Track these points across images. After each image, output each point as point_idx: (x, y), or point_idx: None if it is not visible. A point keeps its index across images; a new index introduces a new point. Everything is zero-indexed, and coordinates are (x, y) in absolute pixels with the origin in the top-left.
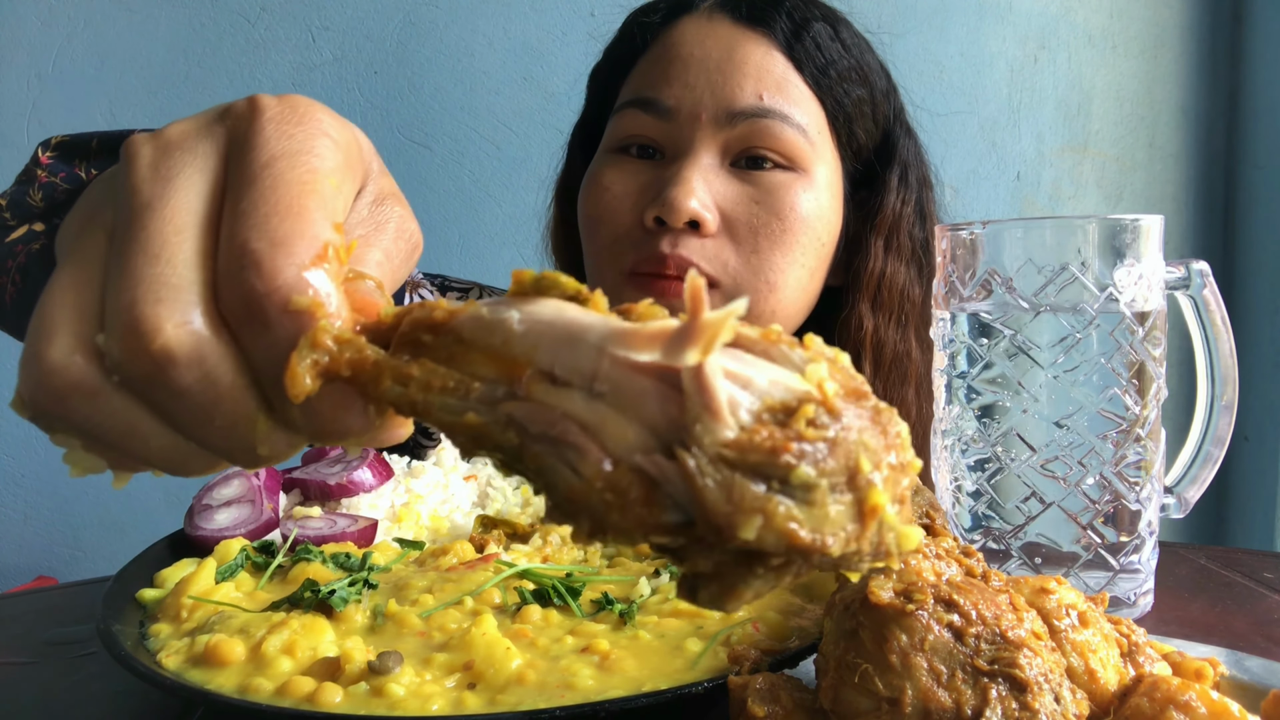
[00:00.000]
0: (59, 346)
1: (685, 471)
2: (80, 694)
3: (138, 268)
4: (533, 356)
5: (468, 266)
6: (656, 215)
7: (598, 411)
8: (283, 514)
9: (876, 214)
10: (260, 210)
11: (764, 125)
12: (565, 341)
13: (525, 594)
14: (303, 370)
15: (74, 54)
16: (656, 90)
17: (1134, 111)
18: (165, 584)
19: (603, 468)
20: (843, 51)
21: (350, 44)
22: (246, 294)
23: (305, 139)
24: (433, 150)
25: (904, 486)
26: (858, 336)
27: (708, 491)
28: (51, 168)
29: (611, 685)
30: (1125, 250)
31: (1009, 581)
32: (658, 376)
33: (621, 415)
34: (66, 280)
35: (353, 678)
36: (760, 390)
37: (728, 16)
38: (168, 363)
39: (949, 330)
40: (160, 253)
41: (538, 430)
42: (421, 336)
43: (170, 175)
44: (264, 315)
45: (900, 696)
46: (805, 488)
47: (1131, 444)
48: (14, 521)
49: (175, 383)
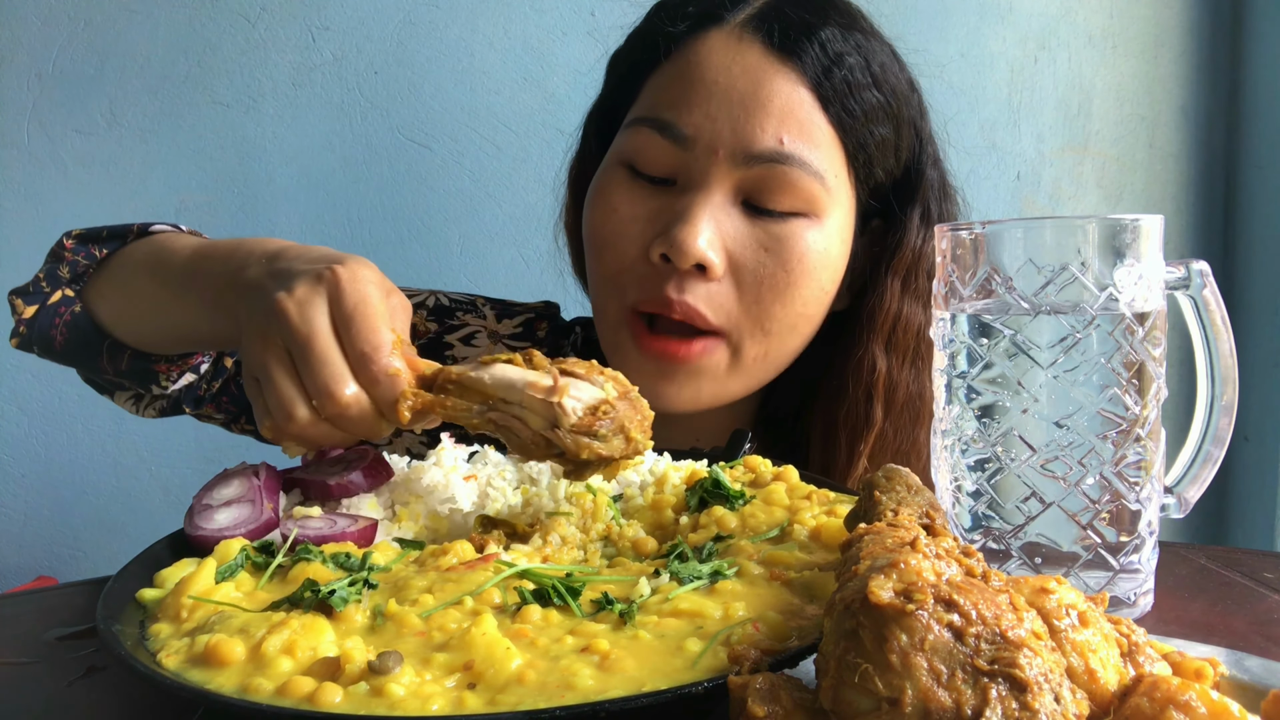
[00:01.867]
0: (300, 409)
1: (558, 437)
2: (80, 694)
3: (318, 370)
4: (495, 392)
5: (468, 266)
6: (663, 252)
7: (524, 413)
8: (283, 514)
9: (895, 252)
10: (362, 334)
11: (781, 172)
12: (506, 386)
13: (525, 594)
14: (404, 409)
15: (74, 54)
16: (675, 113)
17: (1134, 111)
18: (165, 584)
19: (528, 435)
20: (873, 89)
21: (350, 44)
22: (370, 374)
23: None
24: (433, 150)
25: (643, 424)
26: (870, 379)
27: (567, 441)
28: (74, 250)
29: (611, 685)
30: (1125, 250)
31: (1009, 581)
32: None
33: (534, 414)
34: (280, 375)
35: (353, 678)
36: (585, 398)
37: (758, 40)
38: (344, 408)
39: (949, 330)
40: (325, 363)
41: (503, 423)
42: (447, 385)
43: (311, 319)
44: (377, 381)
45: (900, 696)
46: (602, 437)
47: (1131, 444)
48: (14, 521)
49: (346, 414)
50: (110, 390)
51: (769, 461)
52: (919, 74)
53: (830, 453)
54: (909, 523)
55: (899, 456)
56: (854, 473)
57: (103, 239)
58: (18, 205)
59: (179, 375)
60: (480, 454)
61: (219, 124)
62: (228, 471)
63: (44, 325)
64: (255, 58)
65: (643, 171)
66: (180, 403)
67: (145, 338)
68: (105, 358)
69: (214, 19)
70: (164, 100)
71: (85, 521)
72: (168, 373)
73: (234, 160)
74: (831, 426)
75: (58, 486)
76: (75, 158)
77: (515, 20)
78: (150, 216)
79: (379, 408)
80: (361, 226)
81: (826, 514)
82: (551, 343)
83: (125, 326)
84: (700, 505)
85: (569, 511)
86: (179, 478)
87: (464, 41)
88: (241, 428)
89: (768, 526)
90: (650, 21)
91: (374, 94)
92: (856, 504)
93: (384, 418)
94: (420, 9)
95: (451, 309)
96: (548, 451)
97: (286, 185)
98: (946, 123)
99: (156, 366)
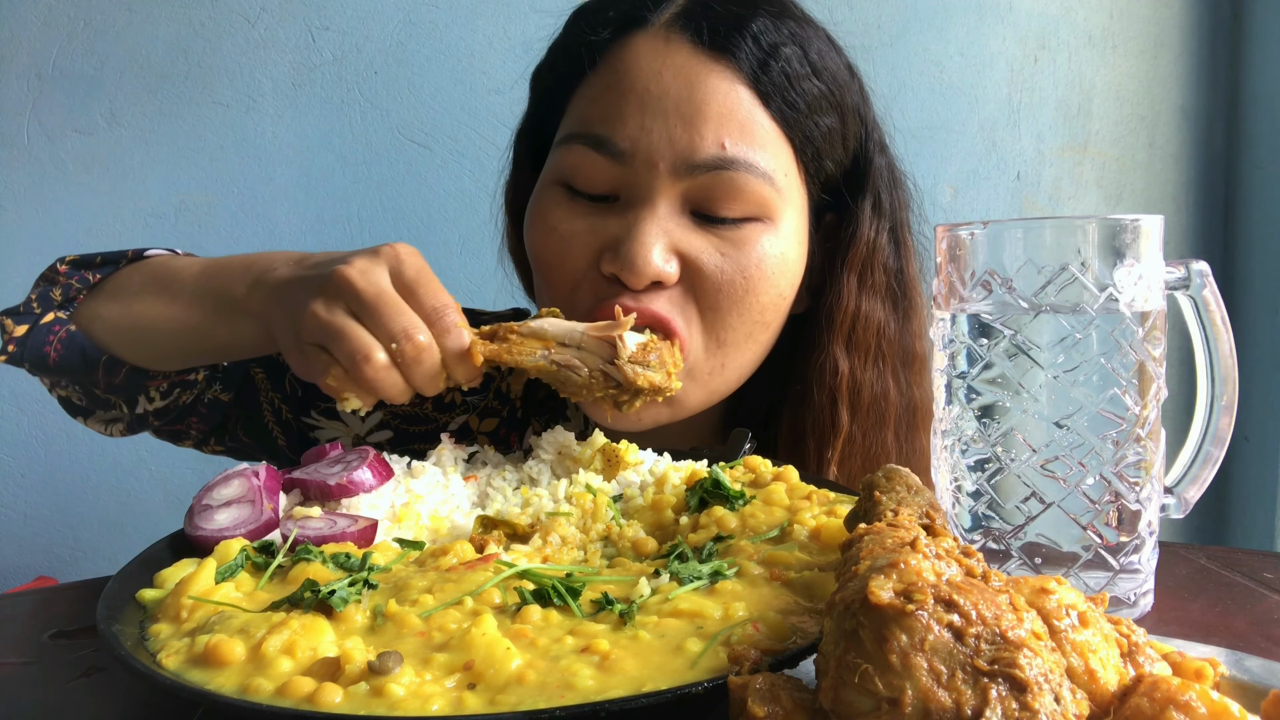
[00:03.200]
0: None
1: (617, 369)
2: (80, 694)
3: (394, 318)
4: (557, 337)
5: (468, 267)
6: (614, 272)
7: (582, 354)
8: (283, 514)
9: (849, 247)
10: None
11: (728, 178)
12: (567, 330)
13: (525, 594)
14: (478, 352)
15: (74, 54)
16: (609, 127)
17: (1134, 111)
18: (165, 584)
19: (585, 372)
20: (813, 78)
21: (350, 44)
22: (442, 324)
23: (420, 260)
24: (433, 150)
25: (676, 363)
26: (833, 382)
27: (626, 370)
28: (68, 274)
29: (611, 685)
30: (1125, 250)
31: (1009, 581)
32: (604, 336)
33: (591, 354)
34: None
35: (353, 678)
36: (634, 342)
37: (686, 39)
38: (421, 349)
39: (949, 330)
40: (401, 312)
41: (565, 362)
42: (509, 336)
43: (377, 281)
44: (448, 330)
45: (900, 696)
46: (653, 367)
47: (1131, 444)
48: (14, 521)
49: (420, 358)
50: (87, 412)
51: (769, 462)
52: (919, 74)
53: (799, 460)
54: (909, 523)
55: (869, 460)
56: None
57: (96, 265)
58: (18, 205)
59: (169, 389)
60: (480, 454)
61: (219, 124)
62: (228, 472)
63: (37, 342)
64: (255, 58)
65: (581, 190)
66: (147, 418)
67: (149, 354)
68: (101, 371)
69: (214, 19)
70: (164, 100)
71: (85, 521)
72: (158, 387)
73: (234, 160)
74: (799, 433)
75: (58, 486)
76: (75, 158)
77: (515, 20)
78: (150, 216)
79: (448, 357)
80: (361, 226)
81: (826, 514)
82: None
83: (127, 345)
84: (700, 505)
85: (569, 511)
86: (179, 478)
87: (464, 41)
88: (212, 448)
89: (768, 527)
90: (570, 31)
91: (374, 94)
92: (856, 504)
93: (450, 368)
94: (420, 9)
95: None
96: (605, 385)
97: (286, 185)
98: (946, 123)
99: (150, 382)
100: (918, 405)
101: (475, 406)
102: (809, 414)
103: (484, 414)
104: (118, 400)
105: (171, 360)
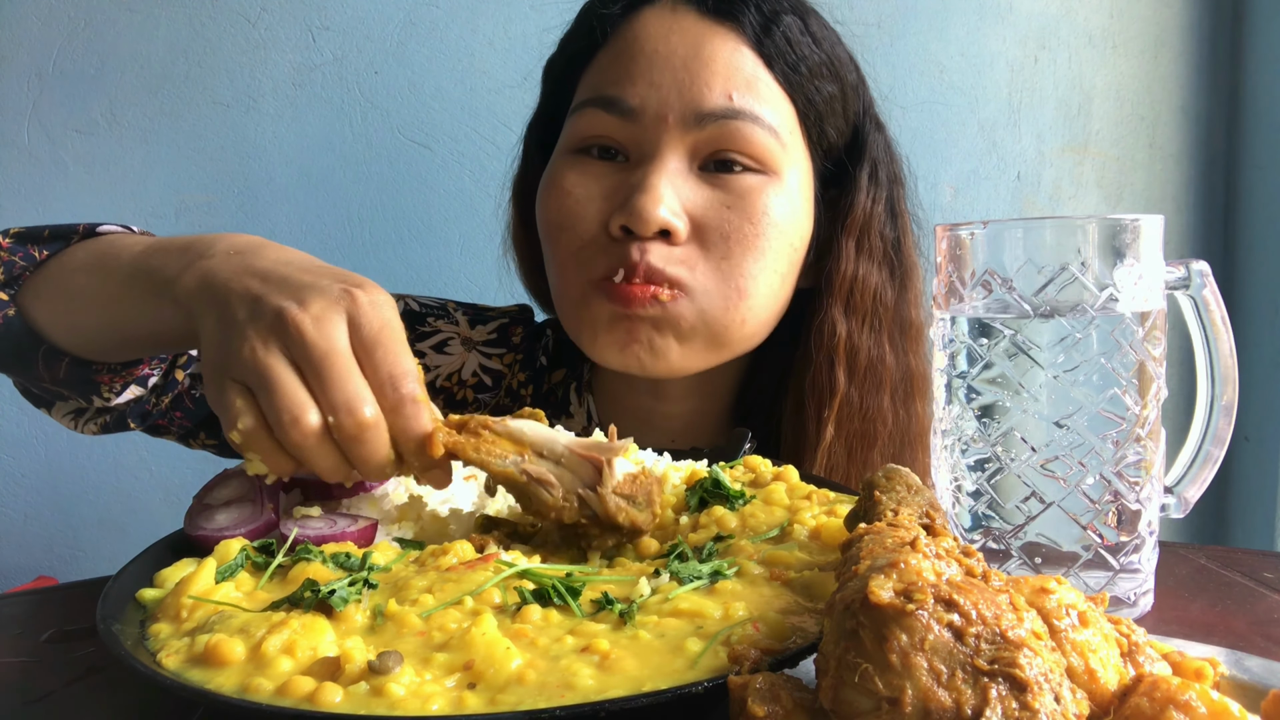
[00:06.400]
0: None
1: (598, 496)
2: (80, 694)
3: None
4: (535, 445)
5: (468, 267)
6: (624, 224)
7: (559, 471)
8: (283, 514)
9: (847, 214)
10: (389, 357)
11: (734, 127)
12: (548, 440)
13: (525, 594)
14: (438, 442)
15: (74, 54)
16: (619, 88)
17: (1134, 111)
18: (165, 584)
19: (559, 493)
20: (813, 46)
21: (350, 44)
22: (396, 397)
23: (388, 314)
24: (433, 150)
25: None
26: (831, 344)
27: (609, 503)
28: (10, 249)
29: (611, 685)
30: (1125, 250)
31: (1009, 581)
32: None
33: (570, 472)
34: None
35: (353, 678)
36: (623, 470)
37: (693, 8)
38: (364, 428)
39: (949, 330)
40: (348, 378)
41: (536, 475)
42: (481, 430)
43: (330, 335)
44: (403, 405)
45: (900, 696)
46: (639, 505)
47: (1131, 444)
48: (14, 521)
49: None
50: (48, 403)
51: (769, 461)
52: (919, 74)
53: (801, 424)
54: (909, 523)
55: (865, 423)
56: (822, 443)
57: (44, 239)
58: (18, 205)
59: (122, 387)
60: None
61: (219, 124)
62: (228, 471)
63: None
64: (255, 58)
65: (593, 153)
66: (126, 418)
67: (83, 342)
68: (41, 364)
69: (214, 19)
70: (164, 100)
71: (85, 521)
72: (110, 384)
73: (234, 160)
74: (800, 397)
75: (58, 486)
76: (75, 158)
77: (515, 20)
78: (150, 216)
79: (400, 439)
80: (361, 226)
81: (826, 514)
82: (527, 348)
83: (62, 330)
84: (700, 505)
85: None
86: (179, 478)
87: (464, 41)
88: (201, 442)
89: (768, 526)
90: (583, 15)
91: (374, 94)
92: (856, 504)
93: (404, 452)
94: (420, 9)
95: (422, 315)
96: (578, 511)
97: (286, 185)
98: (946, 123)
99: (98, 377)
100: (914, 372)
101: (487, 405)
102: (809, 376)
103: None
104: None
105: (108, 350)
